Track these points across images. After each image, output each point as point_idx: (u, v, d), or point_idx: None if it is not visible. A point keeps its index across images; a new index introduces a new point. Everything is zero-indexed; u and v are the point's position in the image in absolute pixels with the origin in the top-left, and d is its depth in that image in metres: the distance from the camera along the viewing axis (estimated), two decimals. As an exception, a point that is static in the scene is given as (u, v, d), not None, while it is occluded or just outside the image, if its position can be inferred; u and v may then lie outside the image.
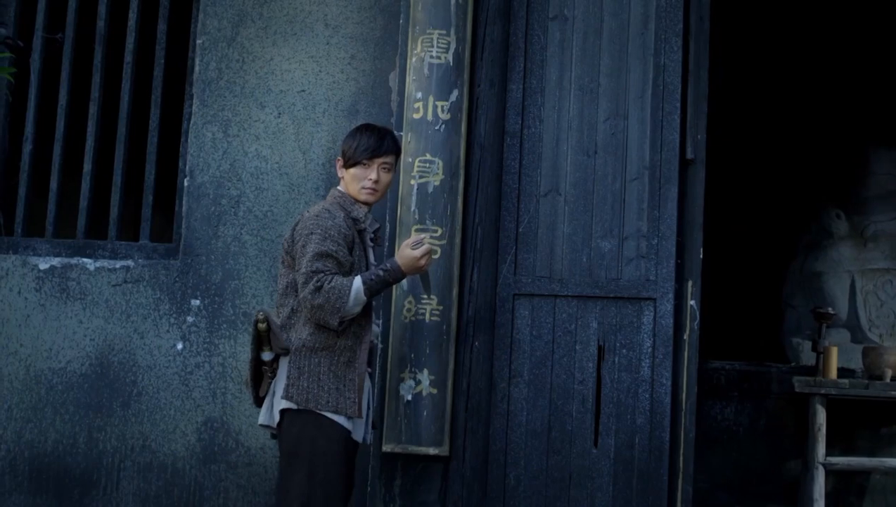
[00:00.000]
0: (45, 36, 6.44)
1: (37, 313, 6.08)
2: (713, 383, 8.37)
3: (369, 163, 4.76)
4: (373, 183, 4.76)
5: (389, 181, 4.86)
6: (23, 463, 6.02)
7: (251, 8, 6.08)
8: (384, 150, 4.77)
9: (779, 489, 7.91)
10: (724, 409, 8.33)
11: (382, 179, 4.79)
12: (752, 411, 8.31)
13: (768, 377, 8.22)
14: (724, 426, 8.30)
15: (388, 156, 4.80)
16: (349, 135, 4.90)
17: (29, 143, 6.42)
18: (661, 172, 5.54)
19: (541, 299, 5.56)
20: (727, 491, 8.00)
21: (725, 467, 8.10)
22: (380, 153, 4.75)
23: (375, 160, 4.76)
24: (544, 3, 5.74)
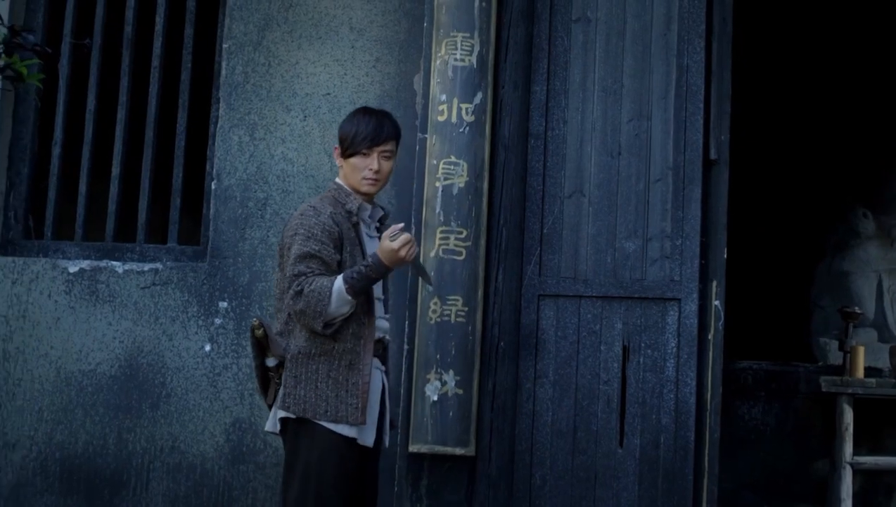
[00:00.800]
0: (73, 42, 6.54)
1: (66, 315, 6.16)
2: (741, 383, 8.39)
3: (369, 152, 4.55)
4: (373, 173, 4.56)
5: (391, 169, 4.67)
6: (53, 464, 6.11)
7: (277, 12, 6.15)
8: (384, 137, 4.57)
9: (807, 489, 7.94)
10: (751, 409, 8.35)
11: (384, 167, 4.59)
12: (780, 411, 8.33)
13: (796, 377, 8.24)
14: (751, 426, 8.33)
15: (389, 143, 4.60)
16: (345, 121, 4.71)
17: (58, 147, 6.51)
18: (685, 172, 5.56)
19: (566, 300, 5.59)
20: (754, 491, 8.03)
21: (753, 466, 8.12)
22: (379, 141, 4.55)
23: (375, 149, 4.55)
24: (567, 5, 5.77)
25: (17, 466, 6.17)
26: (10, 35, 3.84)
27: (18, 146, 6.53)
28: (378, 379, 4.57)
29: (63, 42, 6.55)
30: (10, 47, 3.86)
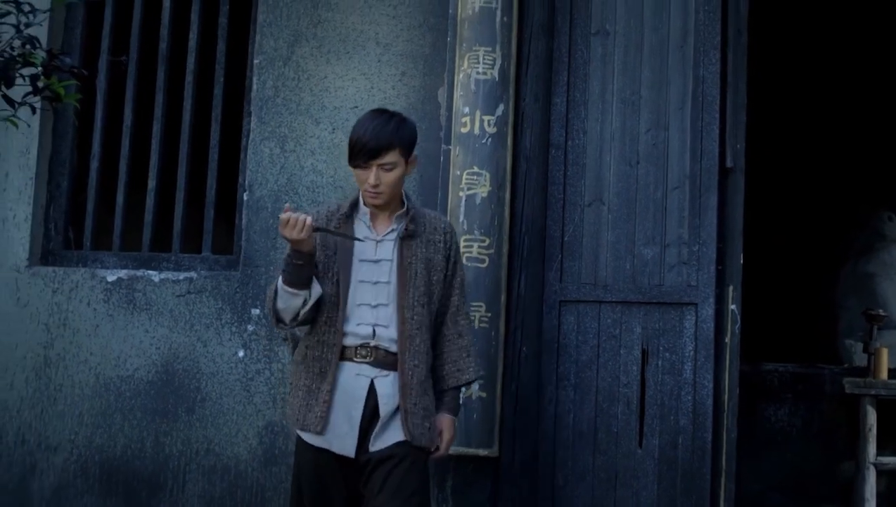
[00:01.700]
0: (110, 59, 6.66)
1: (105, 323, 6.33)
2: (767, 385, 8.43)
3: (366, 166, 4.37)
4: (372, 187, 4.38)
5: (398, 179, 4.42)
6: (93, 467, 6.27)
7: (306, 28, 6.27)
8: (381, 150, 4.34)
9: (833, 490, 7.95)
10: (777, 410, 8.38)
11: (384, 179, 4.37)
12: (806, 413, 8.33)
13: (821, 379, 8.27)
14: (778, 428, 8.35)
15: (387, 154, 4.35)
16: (354, 126, 4.52)
17: (96, 160, 6.64)
18: (702, 180, 5.66)
19: (586, 305, 5.71)
20: (781, 492, 8.04)
21: (780, 467, 8.15)
22: (376, 155, 4.34)
23: (372, 163, 4.35)
24: (586, 19, 5.87)
25: (59, 468, 6.33)
26: (48, 58, 4.02)
27: (58, 160, 6.66)
28: (361, 386, 4.38)
29: (100, 59, 6.68)
30: (49, 69, 4.03)
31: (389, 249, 4.47)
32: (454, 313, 4.57)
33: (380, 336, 4.40)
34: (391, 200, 4.47)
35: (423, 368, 4.43)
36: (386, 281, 4.43)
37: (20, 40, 3.93)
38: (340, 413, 4.36)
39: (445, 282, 4.55)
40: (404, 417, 4.37)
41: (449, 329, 4.57)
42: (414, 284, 4.43)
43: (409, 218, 4.49)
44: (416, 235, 4.50)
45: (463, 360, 4.57)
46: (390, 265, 4.44)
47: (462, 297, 4.61)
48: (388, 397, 4.39)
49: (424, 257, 4.48)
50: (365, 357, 4.38)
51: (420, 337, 4.42)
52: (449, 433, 4.54)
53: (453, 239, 4.60)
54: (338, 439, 4.36)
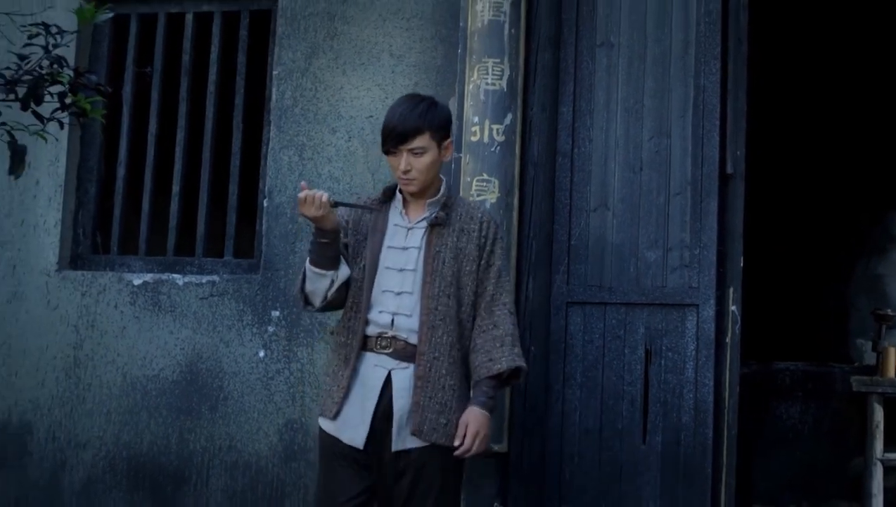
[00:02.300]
0: (136, 70, 6.86)
1: (132, 325, 6.54)
2: (778, 384, 8.53)
3: (396, 151, 4.32)
4: (403, 173, 4.33)
5: (430, 164, 4.35)
6: (121, 463, 6.47)
7: (322, 41, 6.44)
8: (408, 135, 4.28)
9: (843, 486, 8.07)
10: (789, 408, 8.47)
11: (415, 164, 4.32)
12: (817, 411, 8.42)
13: (832, 378, 8.36)
14: (789, 425, 8.44)
15: (415, 139, 4.30)
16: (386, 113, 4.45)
17: (122, 168, 6.84)
18: (703, 186, 5.77)
19: (592, 307, 5.84)
20: (793, 488, 8.16)
21: (791, 464, 8.25)
22: (404, 140, 4.28)
23: (402, 148, 4.30)
24: (592, 31, 5.99)
25: (88, 464, 6.54)
26: (74, 76, 4.25)
27: (86, 168, 6.87)
28: (378, 377, 4.30)
29: (126, 70, 6.87)
30: (75, 87, 4.26)
31: (419, 236, 4.38)
32: (489, 302, 4.40)
33: (398, 326, 4.31)
34: (426, 187, 4.39)
35: (445, 361, 4.29)
36: (412, 269, 4.34)
37: (48, 60, 4.16)
38: (356, 403, 4.29)
39: (479, 272, 4.41)
40: (415, 410, 4.25)
41: (484, 320, 4.40)
42: (441, 273, 4.32)
43: (441, 205, 4.41)
44: (448, 224, 4.39)
45: (496, 350, 4.35)
46: (417, 253, 4.34)
47: (499, 287, 4.43)
48: (403, 390, 4.28)
49: (455, 246, 4.38)
50: (385, 348, 4.30)
51: (444, 329, 4.29)
52: (474, 425, 4.28)
53: (490, 229, 4.47)
54: (349, 429, 4.29)
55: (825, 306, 10.12)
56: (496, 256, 4.46)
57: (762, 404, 8.66)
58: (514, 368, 4.38)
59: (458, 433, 4.26)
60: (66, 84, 4.21)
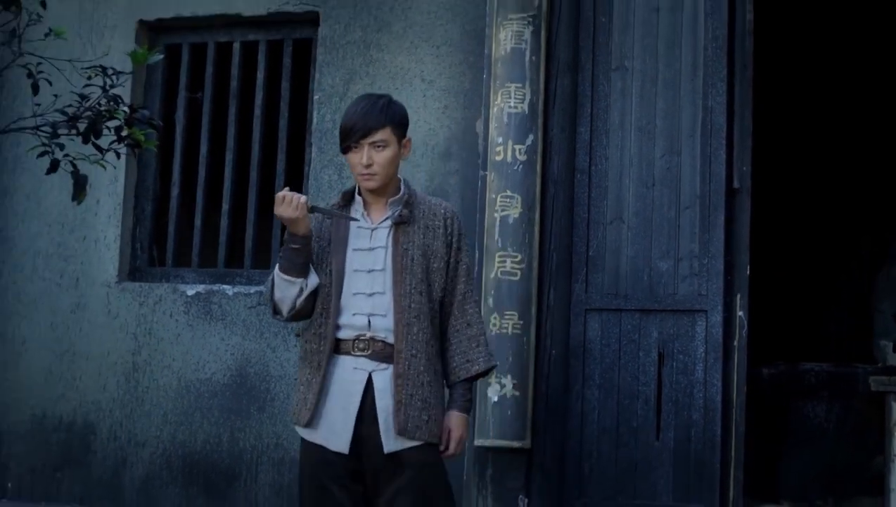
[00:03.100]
0: (188, 95, 7.36)
1: (186, 332, 7.03)
2: (804, 384, 8.73)
3: (358, 147, 4.20)
4: (365, 167, 4.20)
5: (391, 158, 4.25)
6: (177, 460, 6.97)
7: (359, 67, 6.90)
8: (369, 128, 4.19)
9: (866, 483, 8.19)
10: (815, 408, 8.68)
11: (376, 159, 4.20)
12: (841, 410, 8.63)
13: (855, 378, 8.52)
14: (815, 424, 8.65)
15: (377, 132, 4.21)
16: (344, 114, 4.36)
17: (176, 187, 7.34)
18: (711, 200, 6.14)
19: (608, 313, 6.25)
20: (818, 484, 8.37)
21: (817, 461, 8.47)
22: (366, 133, 4.19)
23: (363, 142, 4.18)
24: (607, 57, 6.39)
25: (146, 461, 7.04)
26: (129, 112, 4.74)
27: (142, 187, 7.38)
28: (358, 380, 4.21)
29: (178, 96, 7.38)
30: (130, 121, 4.75)
31: (384, 236, 4.29)
32: (461, 301, 4.35)
33: (375, 327, 4.24)
34: (386, 184, 4.31)
35: (423, 358, 4.23)
36: (381, 269, 4.25)
37: (106, 98, 4.66)
38: (337, 408, 4.21)
39: (448, 269, 4.35)
40: (397, 408, 4.17)
41: (457, 319, 4.35)
42: (411, 271, 4.25)
43: (404, 203, 4.32)
44: (412, 222, 4.31)
45: (473, 350, 4.33)
46: (384, 253, 4.26)
47: (469, 284, 4.39)
48: (384, 391, 4.21)
49: (422, 243, 4.31)
50: (363, 350, 4.21)
51: (418, 326, 4.24)
52: (458, 430, 4.29)
53: (455, 225, 4.40)
54: (334, 435, 4.19)
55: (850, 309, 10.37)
56: (463, 252, 4.40)
57: (788, 404, 8.94)
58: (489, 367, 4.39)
59: (443, 439, 4.25)
60: (122, 119, 4.70)
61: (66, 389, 7.34)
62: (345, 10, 6.99)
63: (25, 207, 7.50)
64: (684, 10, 6.34)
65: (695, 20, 6.33)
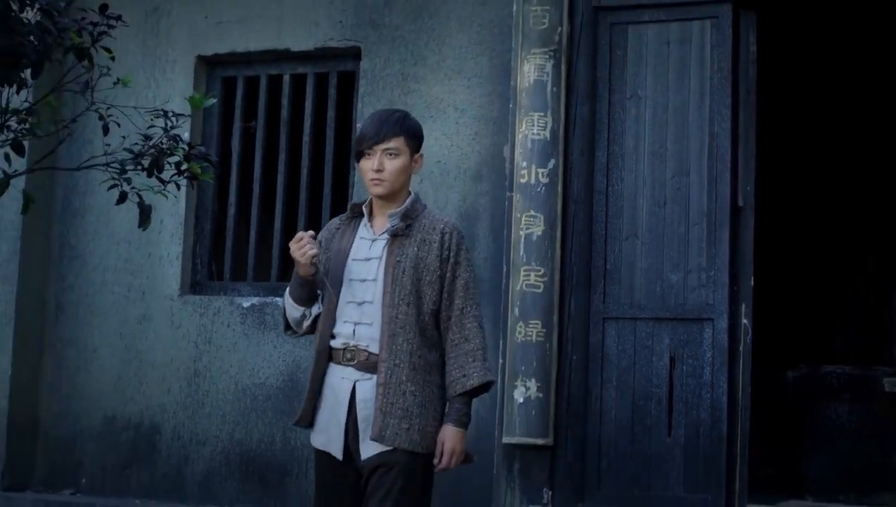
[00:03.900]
0: (242, 124, 7.94)
1: (242, 341, 7.58)
2: (826, 386, 9.10)
3: (371, 152, 4.29)
4: (375, 172, 4.29)
5: (401, 167, 4.32)
6: (234, 457, 7.52)
7: (398, 97, 7.40)
8: (384, 135, 4.30)
9: (886, 480, 8.65)
10: (837, 408, 9.06)
11: (387, 166, 4.29)
12: (861, 410, 8.99)
13: (875, 380, 8.88)
14: (837, 424, 9.04)
15: (391, 140, 4.30)
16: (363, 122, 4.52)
17: (233, 208, 7.91)
18: (717, 218, 6.58)
19: (624, 321, 6.71)
20: (840, 481, 8.78)
21: (838, 460, 8.85)
22: (380, 139, 4.28)
23: (377, 148, 4.28)
24: (622, 87, 6.85)
25: (207, 458, 7.60)
26: (188, 149, 5.37)
27: (202, 208, 7.96)
28: (345, 389, 4.29)
29: (234, 124, 7.96)
30: (188, 157, 5.37)
31: (381, 247, 4.35)
32: (459, 316, 4.34)
33: (359, 335, 4.30)
34: (395, 193, 4.37)
35: (406, 368, 4.25)
36: (372, 278, 4.31)
37: (167, 138, 5.30)
38: (331, 415, 4.31)
39: (443, 284, 4.34)
40: (376, 416, 4.20)
41: (455, 334, 4.34)
42: (400, 282, 4.27)
43: (402, 216, 4.36)
44: (409, 235, 4.35)
45: (469, 365, 4.31)
46: (378, 263, 4.32)
47: (468, 300, 4.37)
48: (366, 401, 4.26)
49: (415, 256, 4.32)
50: (350, 360, 4.29)
51: (403, 336, 4.26)
52: (450, 443, 4.27)
53: (453, 241, 4.39)
54: (332, 441, 4.30)
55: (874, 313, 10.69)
56: (462, 267, 4.38)
57: (811, 405, 9.29)
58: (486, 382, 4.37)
59: (436, 451, 4.27)
60: (181, 156, 5.33)
61: (133, 393, 7.91)
62: (384, 45, 7.53)
63: (96, 227, 8.09)
64: (692, 43, 6.79)
65: (702, 52, 6.77)
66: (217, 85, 8.09)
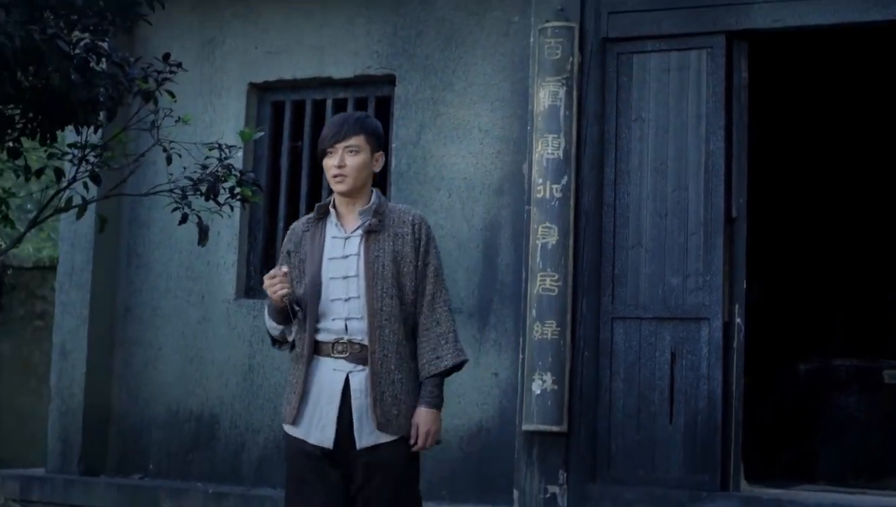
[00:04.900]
0: (290, 144, 8.62)
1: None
2: (836, 378, 9.65)
3: (333, 150, 4.43)
4: (337, 169, 4.42)
5: (361, 164, 4.44)
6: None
7: (429, 120, 8.05)
8: (344, 133, 4.42)
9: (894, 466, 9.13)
10: (847, 399, 9.65)
11: (349, 162, 4.41)
12: (869, 401, 9.55)
13: (881, 372, 9.47)
14: (847, 414, 9.64)
15: (352, 138, 4.42)
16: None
17: (282, 220, 8.54)
18: (712, 227, 7.13)
19: (630, 321, 7.30)
20: (851, 467, 9.26)
21: (849, 448, 9.41)
22: (340, 138, 4.41)
23: (338, 146, 4.40)
24: (628, 110, 7.43)
25: (261, 446, 8.25)
26: (240, 176, 6.19)
27: (254, 221, 8.64)
28: (337, 380, 4.40)
29: (283, 144, 8.64)
30: (240, 182, 6.19)
31: (356, 244, 4.45)
32: (430, 301, 4.49)
33: (352, 330, 4.41)
34: (357, 190, 4.50)
35: (393, 358, 4.39)
36: (354, 275, 4.41)
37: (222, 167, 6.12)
38: (321, 407, 4.38)
39: (417, 272, 4.48)
40: (373, 405, 4.34)
41: (427, 318, 4.48)
42: (382, 276, 4.39)
43: (373, 212, 4.47)
44: (382, 230, 4.47)
45: (441, 347, 4.46)
46: (357, 259, 4.42)
47: (437, 285, 4.53)
48: (359, 391, 4.37)
49: (392, 249, 4.45)
50: (342, 353, 4.38)
51: (390, 327, 4.39)
52: (425, 425, 4.42)
53: (423, 230, 4.56)
54: (318, 430, 4.37)
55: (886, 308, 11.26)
56: (431, 255, 4.54)
57: (823, 395, 9.83)
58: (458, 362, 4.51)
59: (411, 433, 4.39)
60: (234, 182, 6.15)
61: (194, 387, 8.55)
62: (416, 72, 8.17)
63: (160, 238, 8.76)
64: (690, 71, 7.37)
65: (699, 78, 7.35)
66: (267, 109, 8.73)
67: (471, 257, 7.88)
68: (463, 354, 4.57)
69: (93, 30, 5.58)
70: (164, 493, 8.28)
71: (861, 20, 7.11)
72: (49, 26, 5.09)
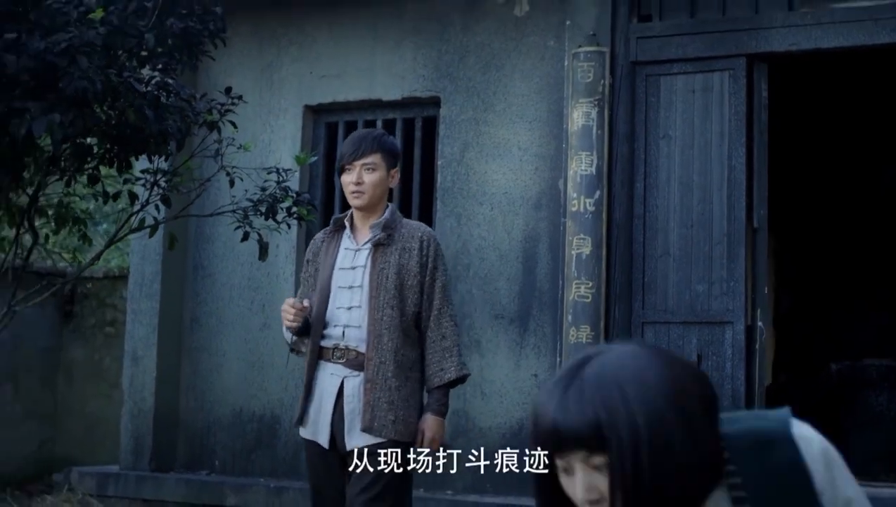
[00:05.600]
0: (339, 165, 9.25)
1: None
2: (867, 377, 10.01)
3: (351, 167, 4.56)
4: (355, 185, 4.53)
5: (378, 181, 4.57)
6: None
7: (471, 139, 8.49)
8: (362, 151, 4.55)
9: None
10: (878, 397, 10.01)
11: (366, 179, 4.53)
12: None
13: None
14: (878, 411, 9.99)
15: (370, 156, 4.55)
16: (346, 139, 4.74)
17: None
18: (735, 237, 7.58)
19: (660, 325, 7.77)
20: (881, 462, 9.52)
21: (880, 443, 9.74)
22: (358, 155, 4.54)
23: (356, 163, 4.54)
24: (656, 128, 7.90)
25: None
26: (295, 196, 6.76)
27: (310, 233, 8.40)
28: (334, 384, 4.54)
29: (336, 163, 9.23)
30: (296, 202, 6.76)
31: (364, 256, 4.60)
32: (437, 316, 4.60)
33: (349, 337, 4.54)
34: (373, 205, 4.65)
35: (391, 365, 4.49)
36: (359, 285, 4.55)
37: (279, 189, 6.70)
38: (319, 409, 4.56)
39: (423, 287, 4.59)
40: (364, 409, 4.45)
41: (433, 332, 4.60)
42: (385, 287, 4.50)
43: (383, 227, 4.60)
44: (390, 243, 4.59)
45: (446, 360, 4.58)
46: (363, 271, 4.56)
47: (444, 300, 4.65)
48: (352, 395, 4.51)
49: (397, 262, 4.55)
50: (339, 358, 4.54)
51: (388, 336, 4.49)
52: (430, 431, 4.55)
53: (431, 247, 4.66)
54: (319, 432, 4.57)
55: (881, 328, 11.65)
56: (439, 271, 4.66)
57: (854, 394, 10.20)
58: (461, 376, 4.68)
59: (417, 439, 4.53)
60: (291, 202, 6.74)
61: (257, 390, 8.90)
62: (460, 94, 8.61)
63: (223, 251, 9.19)
64: (713, 91, 7.84)
65: (722, 98, 7.81)
66: (321, 129, 9.19)
67: (511, 266, 8.27)
68: (465, 368, 4.75)
69: (162, 68, 6.15)
70: (229, 488, 8.54)
71: (870, 43, 7.54)
72: (125, 69, 5.68)
